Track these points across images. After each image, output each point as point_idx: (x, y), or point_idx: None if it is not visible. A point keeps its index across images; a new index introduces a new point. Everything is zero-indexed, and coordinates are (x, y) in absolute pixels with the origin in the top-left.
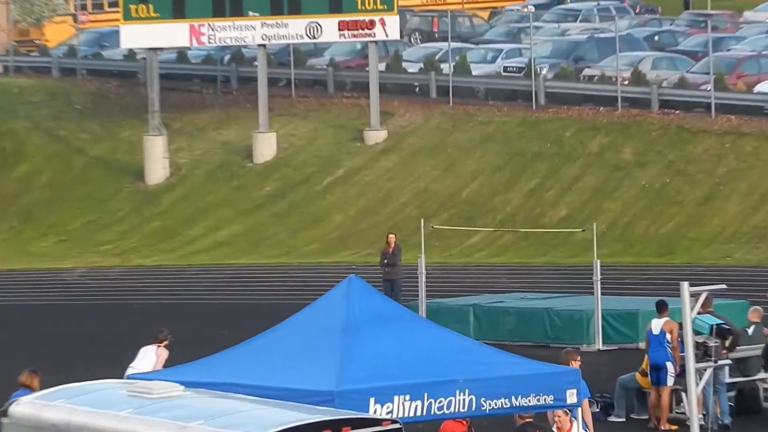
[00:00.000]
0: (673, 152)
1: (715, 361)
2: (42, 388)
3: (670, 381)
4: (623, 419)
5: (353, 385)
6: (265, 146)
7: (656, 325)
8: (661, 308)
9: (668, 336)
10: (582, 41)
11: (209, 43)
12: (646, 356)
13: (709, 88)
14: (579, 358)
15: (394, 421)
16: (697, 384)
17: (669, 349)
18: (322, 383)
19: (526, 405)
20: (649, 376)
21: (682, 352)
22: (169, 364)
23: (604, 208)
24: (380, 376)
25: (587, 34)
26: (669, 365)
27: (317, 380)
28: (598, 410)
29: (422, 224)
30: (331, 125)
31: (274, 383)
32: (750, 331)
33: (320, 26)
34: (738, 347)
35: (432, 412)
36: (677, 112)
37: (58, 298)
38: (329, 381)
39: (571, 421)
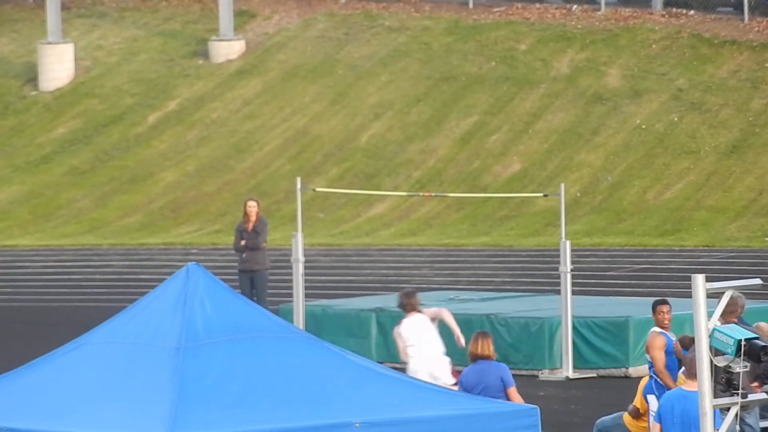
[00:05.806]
0: (685, 75)
1: (743, 396)
2: None
3: None
4: None
5: None
6: (57, 65)
7: None
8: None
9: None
10: None
11: None
12: (641, 387)
13: None
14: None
15: None
16: (715, 430)
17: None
18: (144, 431)
19: None
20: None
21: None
22: None
23: (579, 162)
24: (232, 420)
25: None
26: None
27: (137, 427)
28: None
29: (298, 185)
30: (158, 32)
31: (66, 428)
32: None
33: None
34: None
35: None
36: (691, 12)
37: None
38: (155, 428)
39: None
